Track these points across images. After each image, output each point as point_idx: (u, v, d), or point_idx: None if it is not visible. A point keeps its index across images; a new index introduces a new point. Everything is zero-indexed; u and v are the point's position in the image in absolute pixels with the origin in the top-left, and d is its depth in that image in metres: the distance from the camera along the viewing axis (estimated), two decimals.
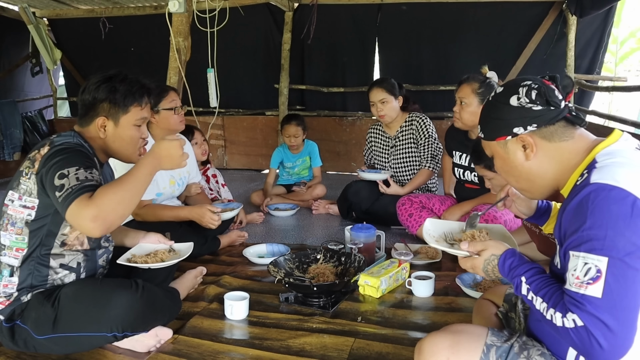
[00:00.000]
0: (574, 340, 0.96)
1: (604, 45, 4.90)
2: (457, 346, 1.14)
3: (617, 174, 0.99)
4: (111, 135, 1.68)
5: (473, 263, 1.25)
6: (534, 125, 1.14)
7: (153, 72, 4.86)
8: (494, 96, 1.22)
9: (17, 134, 5.76)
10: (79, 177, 1.45)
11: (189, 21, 3.42)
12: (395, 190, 3.24)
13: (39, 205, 1.54)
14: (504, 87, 1.21)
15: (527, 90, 1.15)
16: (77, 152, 1.54)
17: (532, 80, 1.17)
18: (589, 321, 0.94)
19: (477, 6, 5.02)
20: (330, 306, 1.99)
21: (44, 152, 1.54)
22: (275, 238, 3.08)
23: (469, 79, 2.68)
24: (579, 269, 0.97)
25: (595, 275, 0.95)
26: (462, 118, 2.67)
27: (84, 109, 1.68)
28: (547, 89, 1.14)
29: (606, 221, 0.96)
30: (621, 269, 0.94)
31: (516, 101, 1.15)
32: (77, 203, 1.40)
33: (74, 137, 1.63)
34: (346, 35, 5.45)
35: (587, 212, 0.98)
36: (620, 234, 0.95)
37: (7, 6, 5.78)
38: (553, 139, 1.14)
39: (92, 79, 1.69)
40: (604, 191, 0.98)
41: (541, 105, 1.13)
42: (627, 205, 0.96)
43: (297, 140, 3.90)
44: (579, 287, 0.97)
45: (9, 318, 1.57)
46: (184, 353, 1.67)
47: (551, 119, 1.13)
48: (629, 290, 0.94)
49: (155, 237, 1.96)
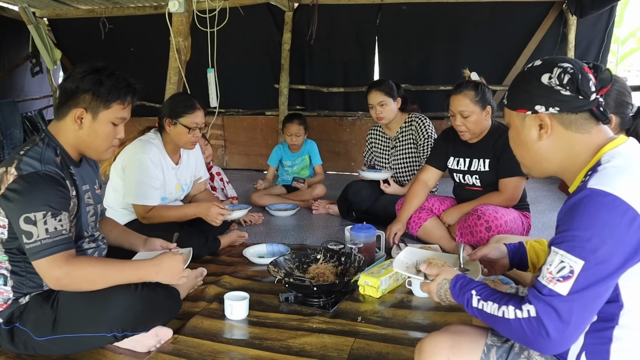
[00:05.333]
0: (523, 330, 1.01)
1: (605, 45, 4.89)
2: (457, 346, 1.14)
3: (615, 181, 0.99)
4: (87, 128, 1.61)
5: (428, 287, 1.28)
6: (556, 108, 1.12)
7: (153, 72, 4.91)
8: (530, 68, 1.19)
9: (17, 134, 5.77)
10: (48, 229, 1.44)
11: (189, 21, 3.42)
12: (395, 190, 3.24)
13: (9, 224, 1.50)
14: (542, 62, 1.18)
15: (561, 72, 1.12)
16: (44, 183, 1.47)
17: (572, 64, 1.13)
18: (543, 311, 0.99)
19: (477, 6, 5.02)
20: (330, 306, 1.99)
21: (9, 178, 1.46)
22: (275, 238, 3.08)
23: (462, 90, 2.57)
24: (554, 264, 1.00)
25: (567, 274, 0.98)
26: (470, 130, 2.59)
27: (64, 96, 1.60)
28: (582, 77, 1.11)
29: (593, 226, 0.97)
30: (594, 275, 0.97)
31: (547, 79, 1.13)
32: (49, 262, 1.44)
33: (45, 146, 1.56)
34: (346, 35, 5.45)
35: (577, 214, 1.00)
36: (603, 242, 0.96)
37: (7, 6, 5.79)
38: (570, 127, 1.13)
39: (78, 67, 1.61)
40: (599, 197, 0.98)
41: (570, 92, 1.11)
42: (617, 214, 0.96)
43: (298, 139, 3.91)
44: (549, 281, 1.00)
45: (8, 320, 1.56)
46: (184, 353, 1.67)
47: (576, 107, 1.11)
48: (593, 295, 0.97)
49: (157, 243, 1.96)
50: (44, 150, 1.55)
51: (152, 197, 2.51)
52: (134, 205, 2.52)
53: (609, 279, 0.97)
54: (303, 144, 4.01)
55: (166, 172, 2.61)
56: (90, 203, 1.75)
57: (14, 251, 1.54)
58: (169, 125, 2.56)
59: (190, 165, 2.81)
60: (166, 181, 2.61)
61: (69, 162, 1.65)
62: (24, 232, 1.43)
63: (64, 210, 1.50)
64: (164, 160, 2.59)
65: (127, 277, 1.56)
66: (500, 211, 2.50)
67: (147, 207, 2.51)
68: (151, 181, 2.49)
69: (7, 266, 1.55)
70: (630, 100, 1.85)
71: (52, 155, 1.56)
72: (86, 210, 1.72)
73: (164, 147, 2.62)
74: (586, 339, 1.06)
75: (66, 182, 1.56)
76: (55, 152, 1.59)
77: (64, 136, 1.63)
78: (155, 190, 2.52)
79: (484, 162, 2.66)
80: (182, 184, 2.76)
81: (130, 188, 2.49)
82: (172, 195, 2.69)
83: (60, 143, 1.62)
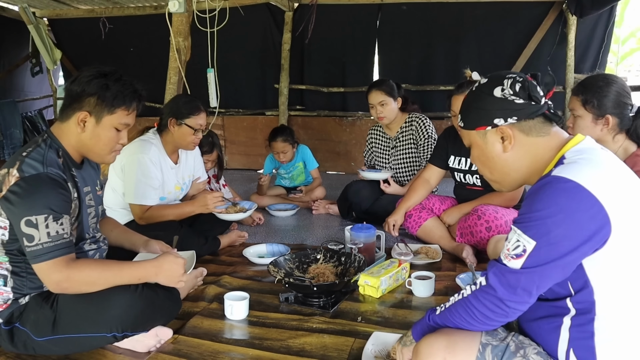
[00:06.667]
0: (478, 299, 1.11)
1: (605, 45, 4.89)
2: (453, 346, 1.15)
3: (580, 171, 1.04)
4: (89, 132, 1.61)
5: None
6: (514, 117, 1.17)
7: (153, 72, 4.91)
8: (478, 86, 1.25)
9: (17, 134, 5.78)
10: (49, 233, 1.43)
11: (189, 21, 3.42)
12: (395, 190, 3.24)
13: (10, 225, 1.50)
14: (488, 79, 1.24)
15: (512, 82, 1.18)
16: (45, 186, 1.46)
17: (517, 74, 1.20)
18: (493, 278, 1.09)
19: (477, 6, 5.02)
20: (330, 306, 1.99)
21: (11, 180, 1.46)
22: (275, 238, 3.08)
23: (464, 90, 2.55)
24: (511, 242, 1.09)
25: (520, 252, 1.06)
26: None
27: (69, 99, 1.60)
28: (530, 84, 1.17)
29: (549, 209, 1.03)
30: (545, 255, 1.04)
31: (500, 92, 1.19)
32: (50, 265, 1.44)
33: (47, 147, 1.56)
34: (346, 35, 5.44)
35: (537, 198, 1.06)
36: (557, 225, 1.02)
37: (7, 6, 5.78)
38: (531, 133, 1.18)
39: (85, 70, 1.61)
40: (560, 183, 1.03)
41: (523, 99, 1.17)
42: (576, 200, 1.01)
43: (286, 155, 3.79)
44: (505, 256, 1.10)
45: (7, 321, 1.56)
46: (184, 353, 1.67)
47: (531, 113, 1.17)
48: (542, 273, 1.05)
49: (157, 246, 1.96)
50: (46, 151, 1.55)
51: (150, 197, 2.51)
52: (131, 205, 2.53)
53: (559, 260, 1.03)
54: (295, 153, 3.90)
55: (165, 172, 2.61)
56: (91, 205, 1.75)
57: (15, 252, 1.54)
58: (173, 126, 2.56)
59: (188, 164, 2.82)
60: (165, 181, 2.61)
61: (71, 163, 1.65)
62: (25, 235, 1.43)
63: (65, 214, 1.50)
64: (163, 160, 2.59)
65: (126, 279, 1.55)
66: (500, 211, 2.50)
67: (144, 207, 2.51)
68: (150, 181, 2.49)
69: (7, 267, 1.55)
70: (629, 100, 1.85)
71: (54, 157, 1.56)
72: (87, 212, 1.72)
73: (163, 147, 2.62)
74: (571, 334, 1.10)
75: (68, 184, 1.56)
76: (58, 153, 1.59)
77: (67, 138, 1.63)
78: (153, 190, 2.52)
79: None
80: (181, 184, 2.76)
81: (130, 188, 2.49)
82: (171, 195, 2.69)
83: (63, 145, 1.62)
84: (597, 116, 1.84)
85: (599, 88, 1.83)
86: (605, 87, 1.83)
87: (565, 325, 1.11)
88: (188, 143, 2.61)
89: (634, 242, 1.04)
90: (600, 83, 1.85)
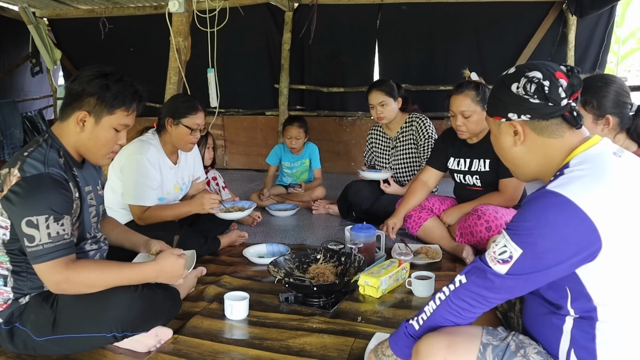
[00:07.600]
0: (457, 296, 1.16)
1: (605, 45, 4.89)
2: (453, 346, 1.14)
3: (572, 185, 1.04)
4: (88, 132, 1.60)
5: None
6: (527, 115, 1.16)
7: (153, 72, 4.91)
8: (504, 76, 1.23)
9: (17, 134, 5.78)
10: (50, 234, 1.43)
11: (189, 21, 3.42)
12: (395, 190, 3.24)
13: (11, 225, 1.50)
14: (514, 70, 1.21)
15: (526, 82, 1.15)
16: (47, 186, 1.46)
17: (542, 71, 1.14)
18: (475, 279, 1.13)
19: (477, 6, 5.02)
20: (330, 306, 1.99)
21: (12, 180, 1.46)
22: (275, 238, 3.08)
23: (463, 90, 2.57)
24: (499, 247, 1.10)
25: (507, 258, 1.08)
26: (470, 130, 2.59)
27: (69, 98, 1.59)
28: (551, 85, 1.13)
29: (538, 221, 1.03)
30: (529, 266, 1.06)
31: (515, 89, 1.17)
32: (50, 266, 1.44)
33: (48, 147, 1.55)
34: (346, 35, 5.45)
35: (527, 209, 1.07)
36: (544, 238, 1.03)
37: (7, 6, 5.79)
38: (543, 133, 1.17)
39: (86, 70, 1.60)
40: (551, 197, 1.04)
41: (538, 100, 1.14)
42: (564, 215, 1.01)
43: (298, 142, 3.88)
44: (491, 259, 1.11)
45: (7, 320, 1.56)
46: (184, 353, 1.67)
47: (546, 114, 1.15)
48: (525, 281, 1.07)
49: (158, 246, 1.95)
50: (48, 151, 1.55)
51: (149, 198, 2.51)
52: (130, 206, 2.52)
53: (544, 271, 1.05)
54: (304, 147, 3.98)
55: (164, 173, 2.61)
56: (92, 204, 1.75)
57: (16, 252, 1.54)
58: (170, 125, 2.55)
59: (188, 165, 2.81)
60: (164, 181, 2.61)
61: (72, 163, 1.64)
62: (26, 235, 1.43)
63: (66, 214, 1.50)
64: (162, 161, 2.59)
65: (126, 280, 1.55)
66: (500, 211, 2.50)
67: (143, 208, 2.51)
68: (149, 181, 2.49)
69: (8, 267, 1.55)
70: (628, 99, 1.85)
71: (55, 156, 1.56)
72: (89, 212, 1.71)
73: (162, 147, 2.62)
74: (572, 335, 1.10)
75: (69, 184, 1.56)
76: (59, 153, 1.59)
77: (66, 137, 1.62)
78: (152, 191, 2.52)
79: (484, 162, 2.66)
80: (180, 184, 2.76)
81: (128, 188, 2.49)
82: (171, 196, 2.69)
83: (63, 144, 1.62)
84: (597, 116, 1.84)
85: (598, 88, 1.83)
86: (604, 87, 1.83)
87: (567, 325, 1.10)
88: (185, 143, 2.59)
89: (632, 254, 1.02)
90: (599, 83, 1.84)
